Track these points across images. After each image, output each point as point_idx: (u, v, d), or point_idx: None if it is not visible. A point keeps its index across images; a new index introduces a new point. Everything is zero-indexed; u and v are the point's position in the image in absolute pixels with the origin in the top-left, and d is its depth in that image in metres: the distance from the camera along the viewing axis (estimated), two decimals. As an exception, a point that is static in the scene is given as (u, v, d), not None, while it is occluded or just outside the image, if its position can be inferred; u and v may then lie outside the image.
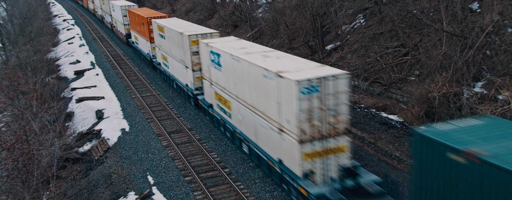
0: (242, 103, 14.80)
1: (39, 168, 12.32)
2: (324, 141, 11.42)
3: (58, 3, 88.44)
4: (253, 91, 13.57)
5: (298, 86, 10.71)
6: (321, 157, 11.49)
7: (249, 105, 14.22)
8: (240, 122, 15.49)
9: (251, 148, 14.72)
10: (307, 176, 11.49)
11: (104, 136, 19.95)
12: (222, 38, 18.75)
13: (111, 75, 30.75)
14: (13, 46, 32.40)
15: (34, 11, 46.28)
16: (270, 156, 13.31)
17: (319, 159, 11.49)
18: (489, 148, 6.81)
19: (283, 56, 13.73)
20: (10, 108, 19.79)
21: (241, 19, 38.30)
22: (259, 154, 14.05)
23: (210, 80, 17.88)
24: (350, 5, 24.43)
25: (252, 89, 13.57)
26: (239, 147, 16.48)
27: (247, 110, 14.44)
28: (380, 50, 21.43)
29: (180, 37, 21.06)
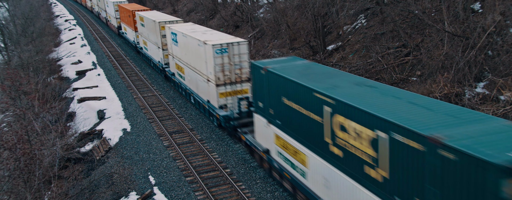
0: (189, 67, 20.85)
1: (41, 168, 12.35)
2: (232, 85, 17.63)
3: (60, 3, 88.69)
4: (194, 57, 19.69)
5: (213, 49, 16.93)
6: (231, 95, 17.68)
7: (193, 67, 20.32)
8: (189, 81, 21.64)
9: (195, 98, 20.98)
10: (221, 107, 17.93)
11: (106, 136, 19.99)
12: (182, 24, 24.87)
13: (113, 75, 30.80)
14: (15, 46, 32.49)
15: (36, 11, 46.42)
16: (203, 99, 19.68)
17: (229, 97, 17.70)
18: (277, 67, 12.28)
19: (214, 33, 20.02)
20: (12, 108, 19.85)
21: (243, 19, 38.32)
22: (198, 100, 20.37)
23: (172, 55, 23.98)
24: (352, 6, 24.41)
25: (194, 56, 19.70)
26: (189, 100, 23.11)
27: (192, 71, 20.54)
28: (381, 50, 21.41)
29: (153, 24, 26.75)
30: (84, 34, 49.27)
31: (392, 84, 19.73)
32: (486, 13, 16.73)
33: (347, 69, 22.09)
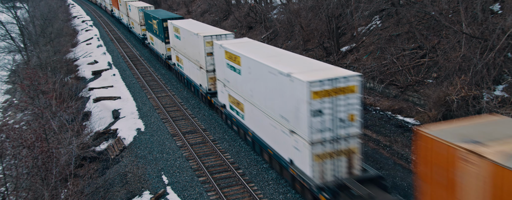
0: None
1: (58, 166, 12.61)
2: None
3: (78, 4, 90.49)
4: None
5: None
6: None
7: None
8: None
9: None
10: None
11: (120, 135, 20.27)
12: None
13: (128, 75, 31.24)
14: (34, 46, 33.31)
15: (54, 12, 47.49)
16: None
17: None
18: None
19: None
20: (31, 107, 20.34)
21: (256, 20, 38.37)
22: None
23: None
24: (366, 7, 24.17)
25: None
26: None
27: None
28: (396, 52, 21.13)
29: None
30: (100, 34, 50.13)
31: (407, 86, 19.45)
32: (506, 14, 16.33)
33: (361, 71, 21.88)
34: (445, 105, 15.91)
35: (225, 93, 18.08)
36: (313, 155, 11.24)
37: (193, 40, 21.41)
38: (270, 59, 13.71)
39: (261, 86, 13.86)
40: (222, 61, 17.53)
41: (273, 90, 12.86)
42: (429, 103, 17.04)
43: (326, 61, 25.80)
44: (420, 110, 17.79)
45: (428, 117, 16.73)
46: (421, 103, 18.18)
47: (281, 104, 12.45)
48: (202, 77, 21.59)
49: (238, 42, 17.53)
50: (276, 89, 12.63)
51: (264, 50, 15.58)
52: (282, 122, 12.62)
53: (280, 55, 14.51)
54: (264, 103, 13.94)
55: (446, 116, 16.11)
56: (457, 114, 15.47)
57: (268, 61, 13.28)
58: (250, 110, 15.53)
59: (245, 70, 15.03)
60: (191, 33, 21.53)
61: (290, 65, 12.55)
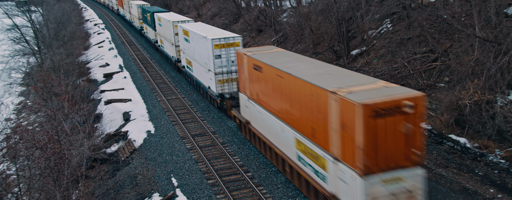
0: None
1: (69, 167, 12.78)
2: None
3: (90, 8, 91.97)
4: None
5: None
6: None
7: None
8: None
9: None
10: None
11: (131, 137, 20.46)
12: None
13: (138, 78, 31.55)
14: (48, 49, 33.93)
15: (67, 16, 48.36)
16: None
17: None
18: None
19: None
20: (44, 108, 20.68)
21: (266, 23, 38.45)
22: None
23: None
24: (377, 10, 24.03)
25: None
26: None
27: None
28: (407, 55, 20.93)
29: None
30: (112, 37, 50.81)
31: (418, 90, 19.22)
32: (520, 18, 16.04)
33: (372, 75, 21.72)
34: (457, 109, 15.68)
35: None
36: (216, 80, 20.20)
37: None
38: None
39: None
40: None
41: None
42: (441, 107, 16.82)
43: (336, 65, 25.69)
44: (432, 114, 17.56)
45: (440, 121, 16.50)
46: (432, 107, 17.95)
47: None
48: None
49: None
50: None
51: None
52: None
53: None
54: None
55: (459, 120, 15.87)
56: (470, 118, 15.23)
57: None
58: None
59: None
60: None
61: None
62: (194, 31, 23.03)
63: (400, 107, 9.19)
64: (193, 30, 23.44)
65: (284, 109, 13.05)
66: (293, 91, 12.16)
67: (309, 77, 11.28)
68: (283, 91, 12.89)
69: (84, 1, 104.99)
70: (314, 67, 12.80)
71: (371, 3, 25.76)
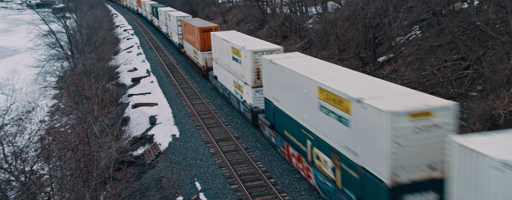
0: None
1: (98, 169, 13.19)
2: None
3: (120, 14, 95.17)
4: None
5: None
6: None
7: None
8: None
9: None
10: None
11: (156, 141, 20.88)
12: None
13: (165, 83, 32.24)
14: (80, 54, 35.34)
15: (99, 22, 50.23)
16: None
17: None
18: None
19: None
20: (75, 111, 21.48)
21: (291, 29, 38.45)
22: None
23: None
24: (406, 16, 23.52)
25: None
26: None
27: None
28: (437, 63, 20.32)
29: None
30: (140, 43, 52.27)
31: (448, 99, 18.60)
32: (560, 24, 15.28)
33: (399, 82, 21.22)
34: (491, 119, 15.03)
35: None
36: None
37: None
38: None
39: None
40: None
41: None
42: (472, 117, 16.18)
43: (362, 72, 25.29)
44: (463, 123, 16.92)
45: (472, 131, 15.86)
46: (464, 117, 17.29)
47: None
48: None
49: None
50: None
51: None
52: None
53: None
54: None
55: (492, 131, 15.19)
56: (504, 128, 14.55)
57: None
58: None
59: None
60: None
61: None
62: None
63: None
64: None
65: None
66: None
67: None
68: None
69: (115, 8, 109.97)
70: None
71: (400, 9, 25.27)
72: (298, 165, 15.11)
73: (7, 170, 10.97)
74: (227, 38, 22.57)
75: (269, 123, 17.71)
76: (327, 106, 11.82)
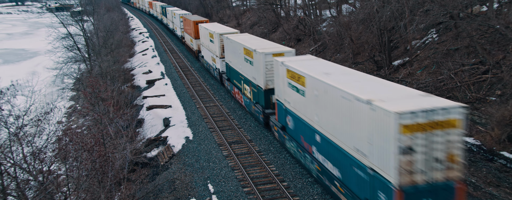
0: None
1: (113, 169, 13.37)
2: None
3: (136, 17, 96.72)
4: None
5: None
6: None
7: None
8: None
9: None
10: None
11: (170, 143, 21.06)
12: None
13: (179, 85, 32.54)
14: (97, 56, 36.01)
15: (115, 25, 51.12)
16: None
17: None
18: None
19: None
20: (91, 113, 21.87)
21: (305, 33, 38.35)
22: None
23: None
24: (422, 20, 23.18)
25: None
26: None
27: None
28: (454, 67, 19.94)
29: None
30: (155, 46, 52.97)
31: (466, 104, 18.23)
32: None
33: (415, 86, 20.90)
34: (510, 124, 14.65)
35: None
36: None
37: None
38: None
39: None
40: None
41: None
42: (491, 122, 15.79)
43: (376, 75, 25.01)
44: (481, 129, 16.53)
45: (491, 137, 15.48)
46: (482, 122, 16.90)
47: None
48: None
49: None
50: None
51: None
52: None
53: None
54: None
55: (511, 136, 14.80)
56: (524, 135, 14.16)
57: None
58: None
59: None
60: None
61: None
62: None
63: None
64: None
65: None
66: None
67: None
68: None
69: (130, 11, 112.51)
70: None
71: (416, 12, 24.94)
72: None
73: (26, 170, 11.24)
74: (208, 27, 30.93)
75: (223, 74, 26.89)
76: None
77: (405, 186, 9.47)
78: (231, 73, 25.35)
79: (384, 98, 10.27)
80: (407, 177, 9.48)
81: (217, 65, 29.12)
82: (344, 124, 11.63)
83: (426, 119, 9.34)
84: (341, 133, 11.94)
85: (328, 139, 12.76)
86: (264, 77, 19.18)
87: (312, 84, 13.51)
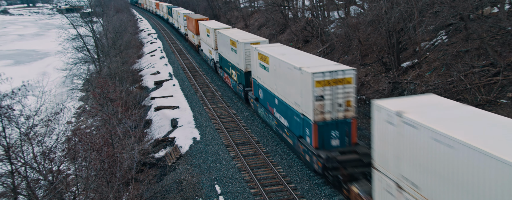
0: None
1: (121, 170, 13.48)
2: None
3: (145, 19, 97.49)
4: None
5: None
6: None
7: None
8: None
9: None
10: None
11: (177, 143, 21.16)
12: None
13: (186, 86, 32.70)
14: (106, 57, 36.38)
15: (124, 26, 51.61)
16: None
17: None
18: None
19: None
20: (100, 113, 22.08)
21: (313, 34, 38.27)
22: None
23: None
24: (431, 21, 22.97)
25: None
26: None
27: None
28: (464, 69, 19.71)
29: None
30: (163, 47, 53.30)
31: (476, 106, 17.99)
32: None
33: (424, 88, 20.70)
34: (521, 128, 14.39)
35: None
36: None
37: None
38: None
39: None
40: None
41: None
42: (502, 125, 15.54)
43: (384, 77, 24.84)
44: (492, 132, 16.29)
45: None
46: (492, 125, 16.65)
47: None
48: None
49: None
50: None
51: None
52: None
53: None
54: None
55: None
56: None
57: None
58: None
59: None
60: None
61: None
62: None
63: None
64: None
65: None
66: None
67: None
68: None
69: (139, 13, 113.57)
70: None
71: (425, 14, 24.73)
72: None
73: (36, 169, 11.39)
74: (206, 24, 35.81)
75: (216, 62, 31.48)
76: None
77: (318, 121, 14.62)
78: (222, 61, 30.64)
79: (309, 66, 15.16)
80: (320, 115, 14.58)
81: (212, 56, 34.12)
82: (289, 86, 16.59)
83: (331, 77, 14.30)
84: (288, 94, 16.94)
85: (282, 100, 17.80)
86: (244, 62, 23.95)
87: (273, 62, 18.24)
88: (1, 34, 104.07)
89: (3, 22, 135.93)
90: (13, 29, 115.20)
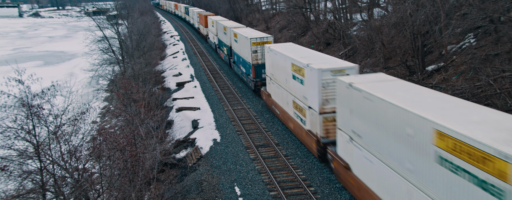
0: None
1: (143, 169, 13.73)
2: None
3: (168, 21, 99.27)
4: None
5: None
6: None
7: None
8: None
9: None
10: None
11: (198, 144, 21.38)
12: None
13: (207, 88, 33.02)
14: (130, 59, 37.23)
15: (148, 28, 52.69)
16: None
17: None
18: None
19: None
20: (124, 113, 22.58)
21: (334, 37, 37.88)
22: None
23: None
24: (459, 24, 22.29)
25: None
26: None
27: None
28: (494, 73, 19.00)
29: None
30: (185, 49, 54.08)
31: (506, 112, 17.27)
32: None
33: (450, 93, 20.08)
34: (555, 135, 13.71)
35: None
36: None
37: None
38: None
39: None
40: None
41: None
42: (534, 132, 14.85)
43: (409, 80, 24.26)
44: (522, 139, 15.59)
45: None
46: (523, 132, 15.93)
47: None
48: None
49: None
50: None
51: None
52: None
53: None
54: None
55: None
56: None
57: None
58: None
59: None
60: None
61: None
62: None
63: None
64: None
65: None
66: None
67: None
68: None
69: (162, 15, 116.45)
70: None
71: (452, 16, 24.03)
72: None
73: (63, 167, 11.77)
74: (212, 18, 46.35)
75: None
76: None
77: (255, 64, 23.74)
78: (220, 43, 41.20)
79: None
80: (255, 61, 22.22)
81: (214, 41, 46.38)
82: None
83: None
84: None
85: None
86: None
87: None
88: (32, 36, 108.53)
89: (35, 25, 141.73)
90: (43, 31, 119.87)
